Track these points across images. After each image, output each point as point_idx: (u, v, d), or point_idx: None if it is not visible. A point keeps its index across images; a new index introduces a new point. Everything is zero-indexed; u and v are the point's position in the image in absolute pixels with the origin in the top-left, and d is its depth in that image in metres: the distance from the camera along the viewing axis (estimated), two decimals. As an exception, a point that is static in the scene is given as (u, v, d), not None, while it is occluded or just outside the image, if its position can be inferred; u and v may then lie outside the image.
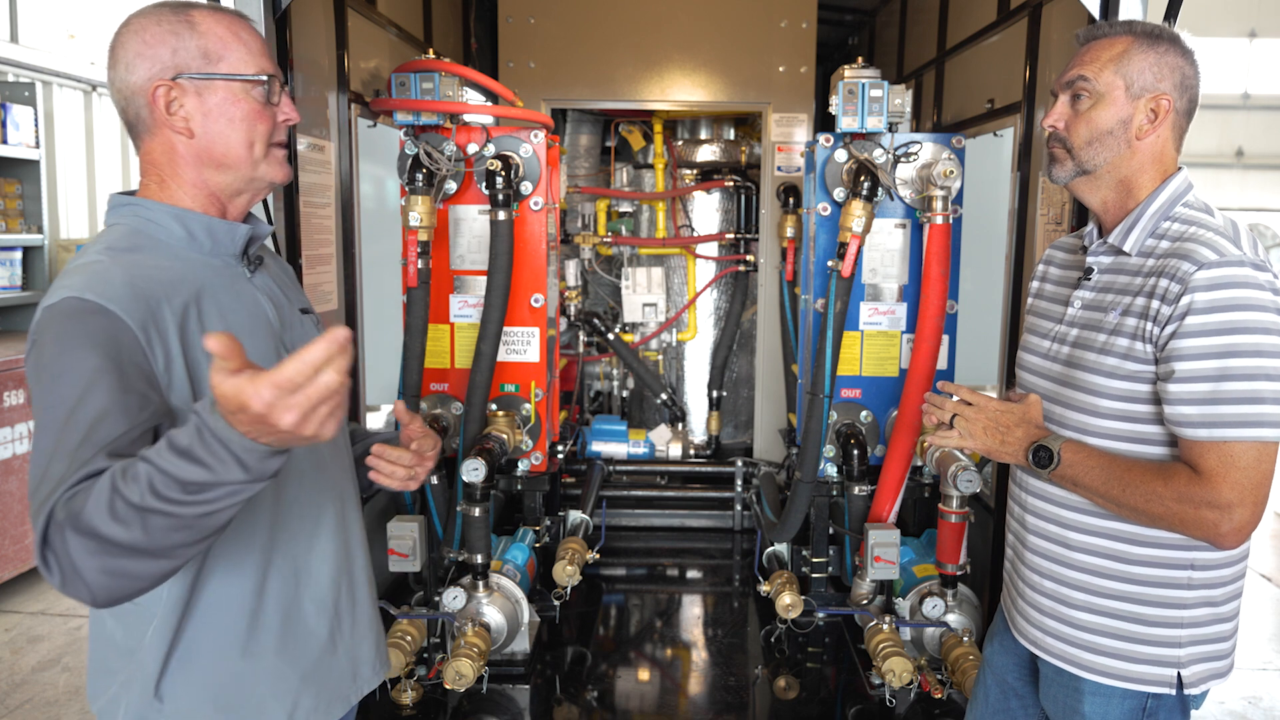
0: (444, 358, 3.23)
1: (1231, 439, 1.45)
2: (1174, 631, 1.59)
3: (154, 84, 1.32)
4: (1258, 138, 11.48)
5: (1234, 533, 1.47)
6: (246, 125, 1.37)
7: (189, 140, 1.35)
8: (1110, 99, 1.60)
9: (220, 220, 1.39)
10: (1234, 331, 1.45)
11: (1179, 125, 1.63)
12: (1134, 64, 1.59)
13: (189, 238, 1.36)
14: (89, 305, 1.20)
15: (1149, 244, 1.59)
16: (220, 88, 1.34)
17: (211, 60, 1.34)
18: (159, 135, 1.35)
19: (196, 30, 1.33)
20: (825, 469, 3.15)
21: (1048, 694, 1.75)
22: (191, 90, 1.33)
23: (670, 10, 4.38)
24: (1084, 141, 1.62)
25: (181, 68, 1.32)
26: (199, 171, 1.36)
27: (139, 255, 1.30)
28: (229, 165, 1.37)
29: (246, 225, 1.42)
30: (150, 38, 1.31)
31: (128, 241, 1.32)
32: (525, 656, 3.06)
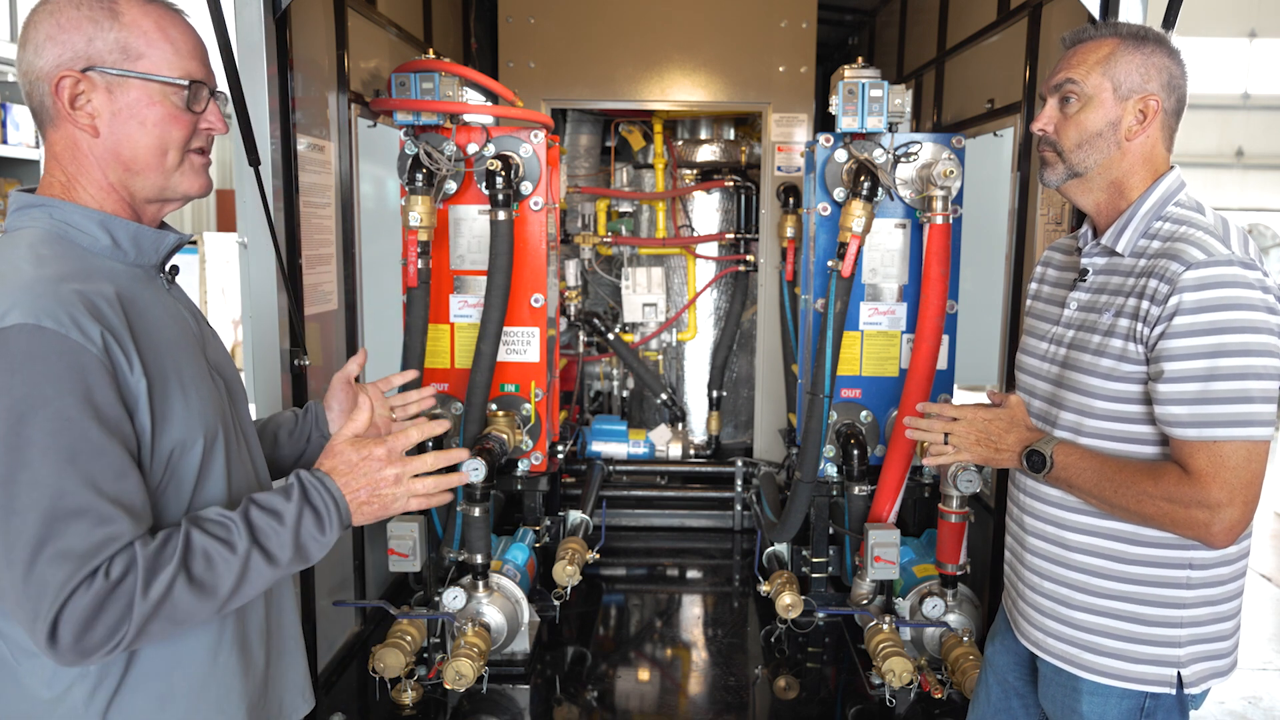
0: (444, 358, 3.23)
1: (1221, 438, 1.45)
2: (1174, 631, 1.59)
3: (60, 73, 1.19)
4: (1258, 138, 11.48)
5: (1224, 532, 1.47)
6: (160, 130, 1.24)
7: (93, 139, 1.22)
8: (1099, 101, 1.60)
9: (146, 228, 1.27)
10: (1222, 331, 1.45)
11: (1168, 125, 1.63)
12: (1121, 66, 1.60)
13: (113, 245, 1.24)
14: (47, 333, 1.08)
15: (1141, 244, 1.60)
16: (135, 87, 1.22)
17: (130, 56, 1.21)
18: (61, 129, 1.23)
19: (119, 21, 1.21)
20: (825, 469, 3.15)
21: (1046, 693, 1.75)
22: (102, 85, 1.21)
23: (670, 10, 4.38)
24: (1074, 144, 1.63)
25: (95, 60, 1.20)
26: (105, 173, 1.24)
27: (70, 266, 1.17)
28: (137, 170, 1.25)
29: (171, 234, 1.30)
30: (65, 21, 1.19)
31: (51, 249, 1.18)
32: (525, 656, 3.06)
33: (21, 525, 1.06)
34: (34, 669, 1.20)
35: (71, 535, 1.07)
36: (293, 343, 2.52)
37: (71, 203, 1.23)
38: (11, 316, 1.08)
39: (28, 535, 1.06)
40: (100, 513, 1.09)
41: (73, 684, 1.20)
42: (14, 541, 1.06)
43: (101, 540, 1.08)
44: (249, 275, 2.46)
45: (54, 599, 1.06)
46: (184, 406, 1.22)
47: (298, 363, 2.52)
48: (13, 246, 1.19)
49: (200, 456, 1.24)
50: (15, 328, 1.07)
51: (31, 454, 1.06)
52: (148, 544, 1.13)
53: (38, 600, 1.06)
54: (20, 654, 1.20)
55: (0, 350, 1.07)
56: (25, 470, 1.06)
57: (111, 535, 1.09)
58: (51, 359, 1.08)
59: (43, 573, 1.06)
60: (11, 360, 1.06)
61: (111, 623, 1.09)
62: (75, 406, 1.08)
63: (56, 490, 1.07)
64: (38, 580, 1.06)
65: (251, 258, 2.43)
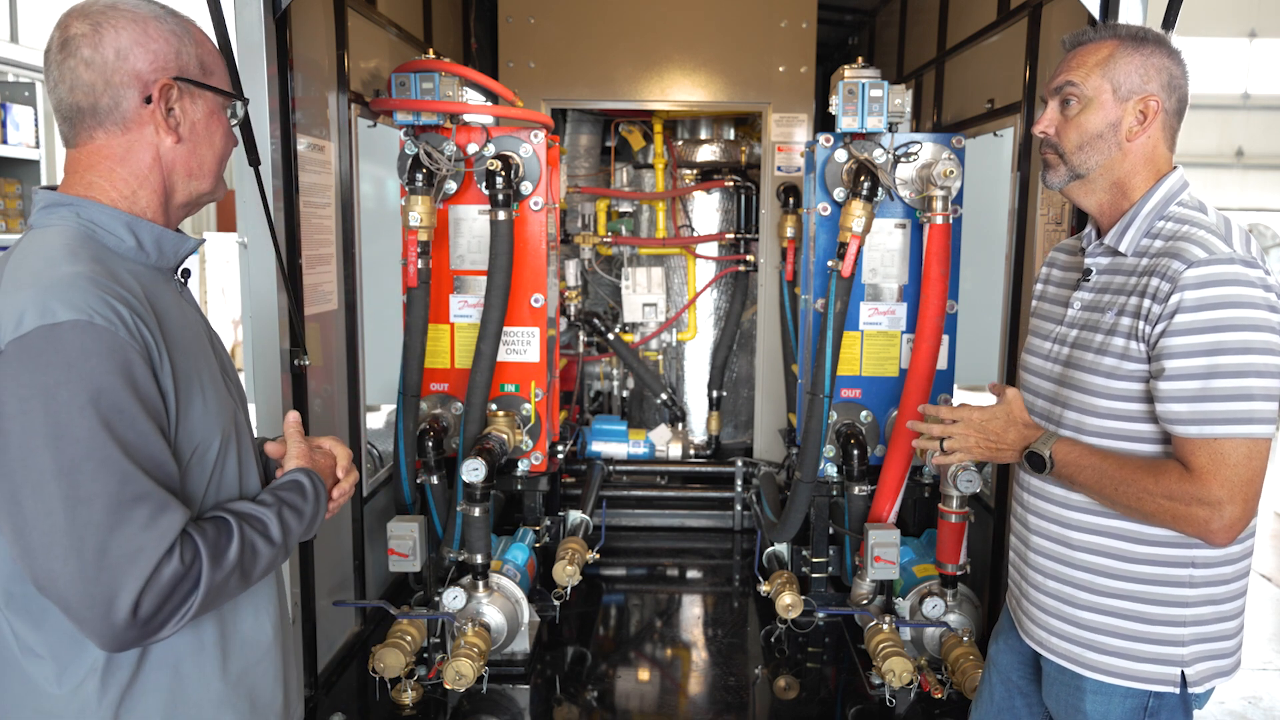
0: (444, 358, 3.23)
1: (1221, 436, 1.46)
2: (1177, 630, 1.59)
3: (162, 79, 1.25)
4: (1258, 138, 11.47)
5: (1224, 530, 1.48)
6: (222, 140, 1.36)
7: (173, 144, 1.29)
8: (1099, 103, 1.61)
9: (168, 231, 1.32)
10: (1222, 329, 1.45)
11: (1169, 125, 1.64)
12: (1120, 67, 1.60)
13: (137, 246, 1.28)
14: (98, 329, 1.12)
15: (1144, 244, 1.61)
16: (210, 100, 1.32)
17: (206, 73, 1.32)
18: (135, 131, 1.26)
19: (194, 39, 1.31)
20: (825, 469, 3.15)
21: (1050, 692, 1.76)
22: (187, 95, 1.29)
23: (670, 10, 4.38)
24: (1075, 146, 1.64)
25: (183, 70, 1.28)
26: (163, 175, 1.30)
27: (103, 266, 1.20)
28: (200, 176, 1.34)
29: (191, 238, 1.35)
30: (154, 31, 1.26)
31: (86, 250, 1.21)
32: (525, 656, 3.06)
33: (89, 513, 1.10)
34: (42, 666, 1.22)
35: (138, 519, 1.12)
36: (293, 343, 2.52)
37: (97, 202, 1.26)
38: (63, 313, 1.11)
39: (97, 520, 1.10)
40: (160, 498, 1.14)
41: (84, 678, 1.22)
42: (84, 529, 1.10)
43: (166, 525, 1.14)
44: (249, 275, 2.45)
45: (138, 577, 1.11)
46: (204, 407, 1.27)
47: (298, 363, 2.52)
48: (44, 243, 1.21)
49: (216, 455, 1.29)
50: (68, 324, 1.11)
51: (93, 443, 1.10)
52: (203, 531, 1.19)
53: (116, 581, 1.10)
54: (27, 651, 1.22)
55: (55, 345, 1.10)
56: (88, 460, 1.10)
57: (173, 520, 1.15)
58: (103, 354, 1.12)
59: (120, 554, 1.10)
60: (67, 355, 1.10)
61: (179, 601, 1.15)
62: (127, 399, 1.13)
63: (120, 477, 1.11)
64: (115, 562, 1.10)
65: (251, 258, 2.43)
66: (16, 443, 1.10)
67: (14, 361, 1.10)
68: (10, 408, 1.10)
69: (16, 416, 1.10)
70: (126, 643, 1.14)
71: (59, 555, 1.10)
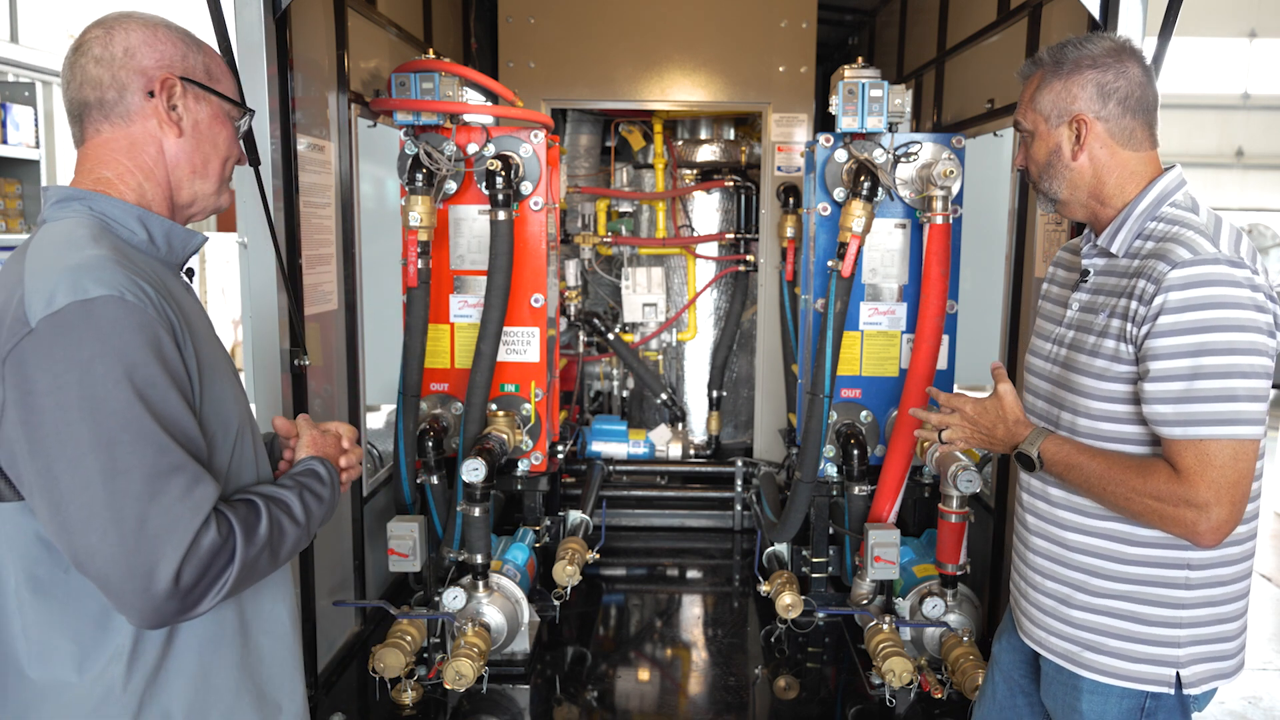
0: (444, 358, 3.23)
1: (1206, 437, 1.46)
2: (1173, 631, 1.59)
3: (165, 73, 1.31)
4: (1258, 138, 11.47)
5: (1211, 532, 1.47)
6: (225, 145, 1.40)
7: (175, 139, 1.33)
8: (1039, 134, 1.68)
9: (178, 225, 1.35)
10: (1206, 330, 1.45)
11: (1120, 129, 1.62)
12: (1044, 96, 1.66)
13: (148, 240, 1.31)
14: (130, 305, 1.15)
15: (1136, 245, 1.62)
16: (214, 105, 1.38)
17: (212, 78, 1.38)
18: (139, 124, 1.31)
19: (202, 50, 1.38)
20: (825, 469, 3.15)
21: (1048, 691, 1.76)
22: (191, 95, 1.34)
23: (670, 10, 4.38)
24: (1036, 176, 1.72)
25: (189, 72, 1.34)
26: (170, 171, 1.34)
27: (119, 252, 1.23)
28: (204, 176, 1.38)
29: (200, 234, 1.39)
30: (161, 35, 1.33)
31: (106, 238, 1.24)
32: (525, 656, 3.06)
33: (128, 484, 1.11)
34: (60, 655, 1.22)
35: (175, 490, 1.13)
36: (293, 343, 2.52)
37: (109, 196, 1.29)
38: (95, 289, 1.14)
39: (136, 491, 1.11)
40: (194, 470, 1.16)
41: (108, 664, 1.22)
42: (122, 500, 1.11)
43: (201, 496, 1.16)
44: (249, 275, 2.46)
45: (178, 545, 1.12)
46: (221, 393, 1.30)
47: (298, 363, 2.52)
48: (63, 232, 1.24)
49: (234, 440, 1.32)
50: (101, 299, 1.13)
51: (130, 415, 1.12)
52: (234, 508, 1.22)
53: (156, 551, 1.11)
54: (44, 644, 1.22)
55: (89, 320, 1.12)
56: (125, 431, 1.12)
57: (207, 491, 1.17)
58: (135, 328, 1.14)
59: (160, 524, 1.11)
60: (101, 329, 1.12)
61: (215, 574, 1.16)
62: (159, 373, 1.16)
63: (157, 448, 1.13)
64: (155, 532, 1.11)
65: (251, 258, 2.43)
66: (51, 418, 1.11)
67: (47, 337, 1.11)
68: (43, 384, 1.11)
69: (50, 392, 1.11)
70: (166, 616, 1.14)
71: (98, 528, 1.10)
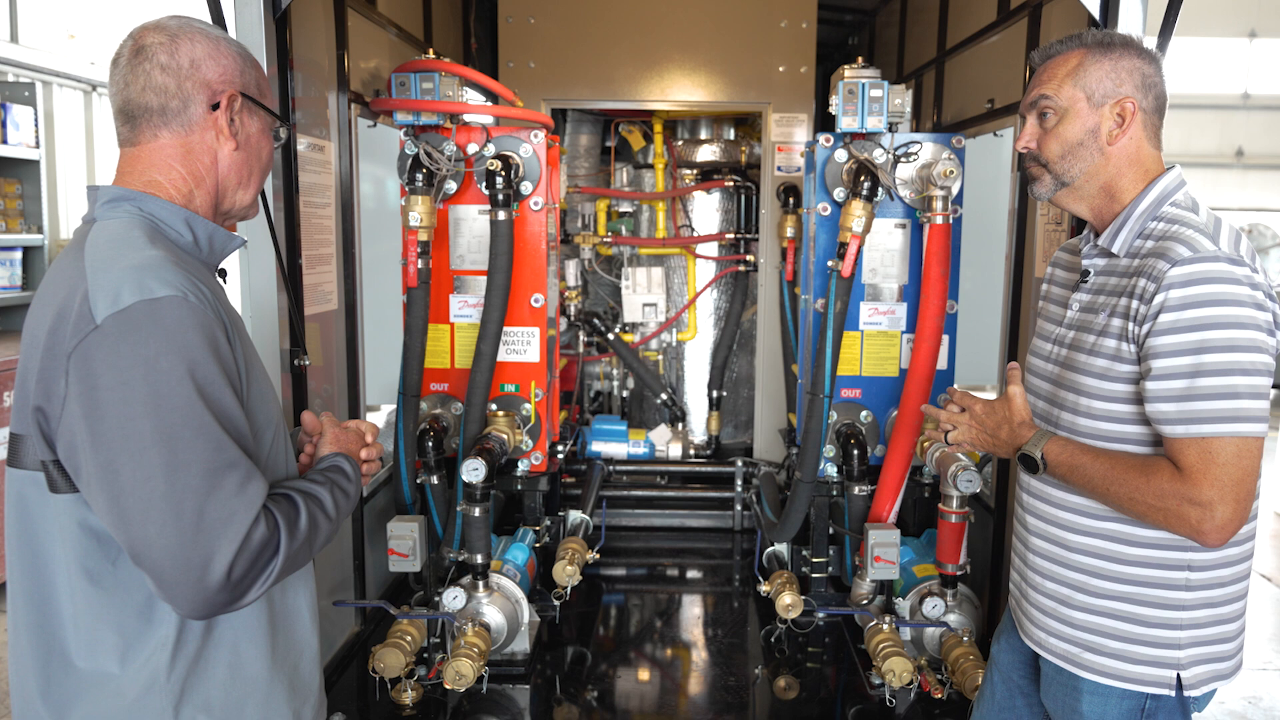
0: (444, 358, 3.23)
1: (1208, 434, 1.45)
2: (1173, 633, 1.59)
3: (229, 88, 1.37)
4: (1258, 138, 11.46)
5: (1216, 531, 1.46)
6: (268, 157, 1.48)
7: (231, 151, 1.39)
8: (1075, 112, 1.64)
9: (220, 228, 1.40)
10: (1207, 327, 1.45)
11: (1150, 124, 1.64)
12: (1091, 74, 1.62)
13: (193, 242, 1.36)
14: (192, 306, 1.20)
15: (1136, 244, 1.61)
16: (262, 119, 1.44)
17: (261, 94, 1.44)
18: (198, 134, 1.36)
19: (254, 66, 1.44)
20: (825, 469, 3.15)
21: (1048, 692, 1.76)
22: (247, 110, 1.41)
23: (670, 10, 4.38)
24: (1057, 156, 1.66)
25: (246, 88, 1.40)
26: (216, 178, 1.39)
27: (173, 254, 1.28)
28: (247, 186, 1.44)
29: (238, 236, 1.44)
30: (224, 50, 1.38)
31: (158, 239, 1.29)
32: (525, 656, 3.06)
33: (188, 478, 1.15)
34: (105, 648, 1.25)
35: (230, 485, 1.18)
36: (293, 343, 2.52)
37: (158, 198, 1.33)
38: (160, 289, 1.18)
39: (195, 485, 1.15)
40: (247, 466, 1.21)
41: (153, 654, 1.26)
42: (182, 494, 1.15)
43: (254, 491, 1.21)
44: (249, 275, 2.46)
45: (232, 539, 1.16)
46: (261, 391, 1.36)
47: (298, 363, 2.52)
48: (118, 231, 1.28)
49: (272, 437, 1.38)
50: (166, 299, 1.18)
51: (191, 411, 1.17)
52: (277, 503, 1.26)
53: (213, 544, 1.15)
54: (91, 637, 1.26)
55: (155, 319, 1.17)
56: (186, 427, 1.16)
57: (259, 488, 1.22)
58: (197, 329, 1.20)
59: (217, 518, 1.16)
60: (166, 327, 1.17)
61: (262, 567, 1.21)
62: (216, 372, 1.21)
63: (215, 444, 1.18)
64: (212, 526, 1.16)
65: (251, 258, 2.43)
66: (115, 412, 1.15)
67: (113, 334, 1.16)
68: (108, 379, 1.15)
69: (115, 388, 1.15)
70: (216, 607, 1.18)
71: (157, 519, 1.14)
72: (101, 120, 5.82)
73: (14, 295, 4.96)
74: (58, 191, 5.41)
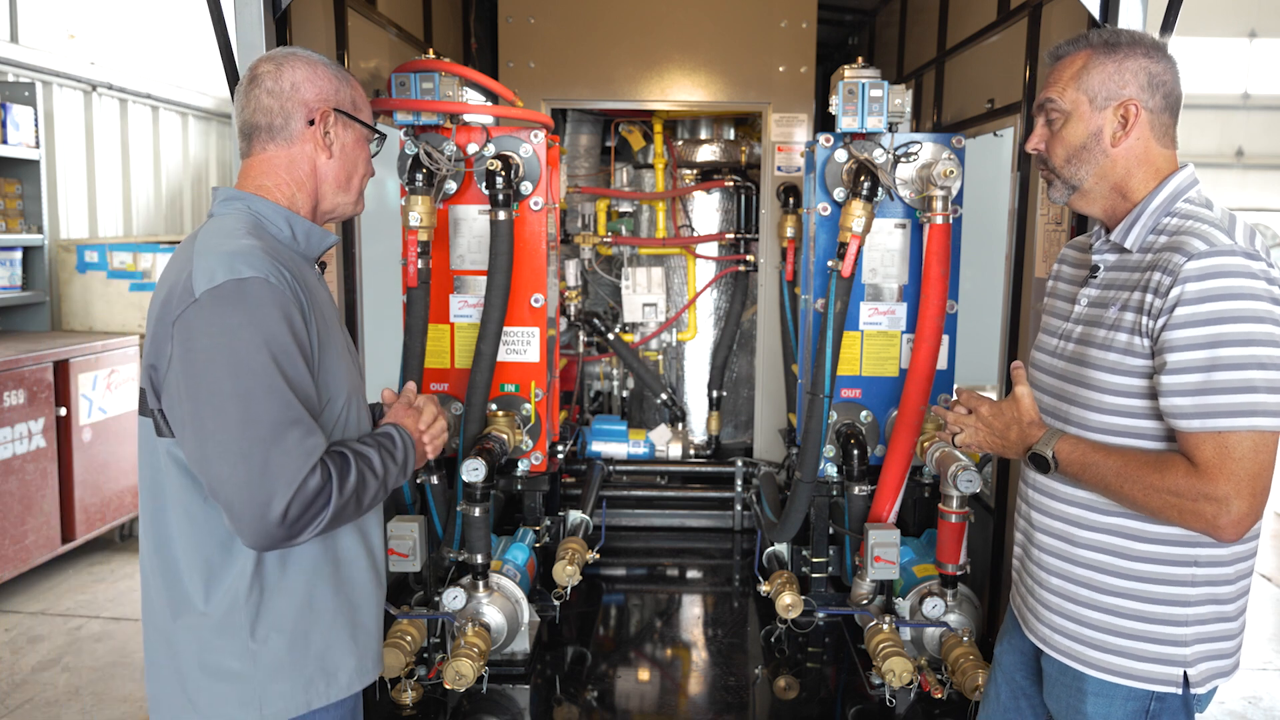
0: (444, 358, 3.23)
1: (1225, 429, 1.44)
2: (1180, 630, 1.59)
3: (323, 105, 1.60)
4: (1258, 138, 11.46)
5: (1232, 525, 1.45)
6: (364, 164, 1.71)
7: (326, 159, 1.63)
8: (1078, 115, 1.64)
9: (316, 226, 1.65)
10: (1223, 321, 1.44)
11: (1158, 123, 1.63)
12: (1094, 76, 1.62)
13: (291, 236, 1.60)
14: (273, 286, 1.42)
15: (1149, 240, 1.60)
16: (357, 131, 1.67)
17: (357, 109, 1.67)
18: (299, 146, 1.61)
19: (351, 84, 1.67)
20: (825, 469, 3.15)
21: (1051, 692, 1.75)
22: (340, 123, 1.64)
23: (670, 10, 4.38)
24: (1063, 160, 1.67)
25: (340, 104, 1.63)
26: (318, 184, 1.64)
27: (267, 243, 1.51)
28: (344, 189, 1.67)
29: (333, 235, 1.69)
30: (321, 73, 1.62)
31: (257, 233, 1.52)
32: (525, 656, 3.06)
33: (258, 430, 1.37)
34: (193, 579, 1.50)
35: (294, 438, 1.40)
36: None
37: (265, 199, 1.58)
38: (246, 271, 1.42)
39: (263, 436, 1.37)
40: (309, 424, 1.43)
41: (233, 582, 1.50)
42: (252, 443, 1.37)
43: (313, 445, 1.42)
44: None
45: (290, 485, 1.38)
46: (335, 367, 1.57)
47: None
48: (225, 225, 1.53)
49: (342, 406, 1.59)
50: (252, 280, 1.42)
51: (265, 375, 1.39)
52: (332, 458, 1.46)
53: (273, 487, 1.37)
54: (186, 567, 1.51)
55: (240, 295, 1.40)
56: (261, 387, 1.39)
57: (318, 443, 1.43)
58: (275, 305, 1.42)
59: (279, 466, 1.37)
60: (249, 303, 1.40)
61: (317, 511, 1.41)
62: (290, 343, 1.43)
63: (283, 403, 1.40)
64: (275, 472, 1.37)
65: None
66: (204, 370, 1.39)
67: (208, 307, 1.40)
68: (201, 343, 1.39)
69: (206, 351, 1.39)
70: (275, 541, 1.40)
71: (230, 461, 1.37)
72: (101, 120, 5.83)
73: (14, 295, 4.96)
74: (58, 191, 5.40)
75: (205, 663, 1.51)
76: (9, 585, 4.29)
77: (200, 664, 1.51)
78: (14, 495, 4.11)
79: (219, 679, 1.51)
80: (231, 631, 1.50)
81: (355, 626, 1.64)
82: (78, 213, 5.65)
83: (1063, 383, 1.70)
